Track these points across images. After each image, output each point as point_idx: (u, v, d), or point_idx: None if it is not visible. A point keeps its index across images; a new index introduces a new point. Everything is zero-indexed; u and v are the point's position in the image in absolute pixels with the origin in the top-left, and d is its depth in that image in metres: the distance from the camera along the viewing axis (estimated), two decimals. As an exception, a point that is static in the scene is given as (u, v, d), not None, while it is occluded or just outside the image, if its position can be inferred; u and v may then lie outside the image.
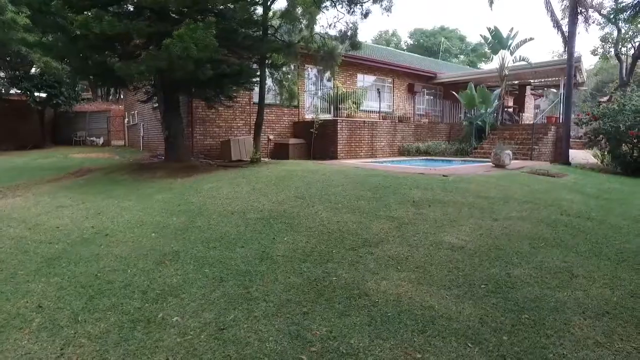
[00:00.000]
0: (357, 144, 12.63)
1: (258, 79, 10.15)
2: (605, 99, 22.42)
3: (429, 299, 3.03)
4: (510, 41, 14.29)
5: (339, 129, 12.08)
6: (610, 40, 20.73)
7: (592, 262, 3.78)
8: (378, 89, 14.52)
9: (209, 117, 12.26)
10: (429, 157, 13.14)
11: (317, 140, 12.57)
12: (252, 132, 13.07)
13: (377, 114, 14.80)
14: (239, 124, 12.65)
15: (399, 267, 3.63)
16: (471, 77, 17.19)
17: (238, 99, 12.66)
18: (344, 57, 14.65)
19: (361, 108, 14.87)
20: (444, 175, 7.35)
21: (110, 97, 25.67)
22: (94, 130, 19.76)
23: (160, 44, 6.59)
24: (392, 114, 16.08)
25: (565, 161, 11.95)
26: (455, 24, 69.66)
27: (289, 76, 10.83)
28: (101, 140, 19.35)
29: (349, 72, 15.26)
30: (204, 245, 4.19)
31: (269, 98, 13.33)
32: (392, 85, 16.90)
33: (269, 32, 9.80)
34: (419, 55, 27.60)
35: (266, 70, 10.35)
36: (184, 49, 6.35)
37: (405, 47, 49.68)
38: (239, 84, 9.45)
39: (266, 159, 12.09)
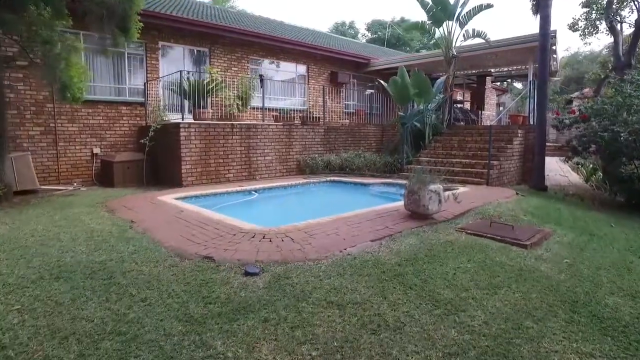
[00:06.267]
0: (221, 160, 8.00)
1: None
2: (576, 93, 18.43)
3: None
4: (459, 9, 10.03)
5: (182, 137, 7.41)
6: (598, 5, 15.30)
7: None
8: (261, 76, 9.87)
9: (-31, 121, 7.35)
10: (339, 177, 8.70)
11: (158, 156, 7.90)
12: (55, 143, 8.29)
13: (264, 113, 10.07)
14: (31, 132, 7.81)
15: None
16: (413, 62, 12.83)
17: (27, 92, 7.84)
18: (228, 33, 10.11)
19: (252, 104, 10.25)
20: (247, 273, 2.84)
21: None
22: None
23: None
24: (308, 113, 11.52)
25: (540, 184, 7.79)
26: (418, 16, 64.99)
27: (54, 50, 5.97)
28: None
29: (235, 55, 10.60)
30: None
31: (97, 91, 8.61)
32: (306, 73, 12.38)
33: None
34: (355, 41, 23.27)
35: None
36: None
37: (364, 40, 45.88)
38: None
39: (70, 188, 7.33)
